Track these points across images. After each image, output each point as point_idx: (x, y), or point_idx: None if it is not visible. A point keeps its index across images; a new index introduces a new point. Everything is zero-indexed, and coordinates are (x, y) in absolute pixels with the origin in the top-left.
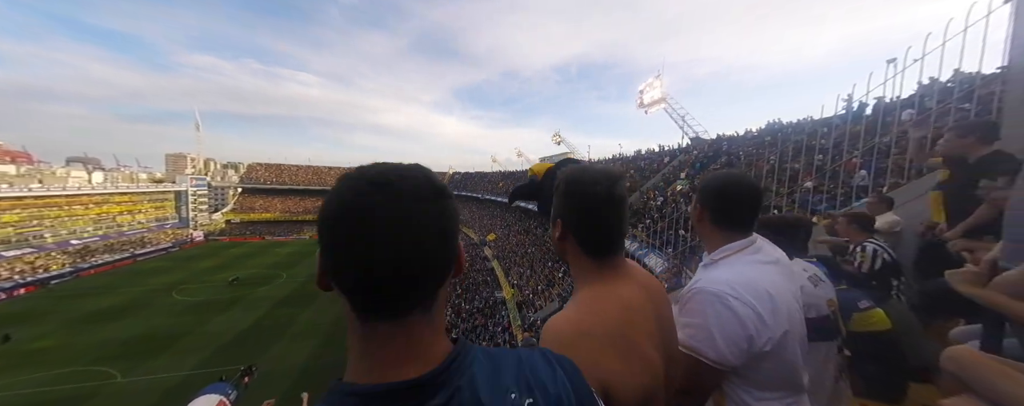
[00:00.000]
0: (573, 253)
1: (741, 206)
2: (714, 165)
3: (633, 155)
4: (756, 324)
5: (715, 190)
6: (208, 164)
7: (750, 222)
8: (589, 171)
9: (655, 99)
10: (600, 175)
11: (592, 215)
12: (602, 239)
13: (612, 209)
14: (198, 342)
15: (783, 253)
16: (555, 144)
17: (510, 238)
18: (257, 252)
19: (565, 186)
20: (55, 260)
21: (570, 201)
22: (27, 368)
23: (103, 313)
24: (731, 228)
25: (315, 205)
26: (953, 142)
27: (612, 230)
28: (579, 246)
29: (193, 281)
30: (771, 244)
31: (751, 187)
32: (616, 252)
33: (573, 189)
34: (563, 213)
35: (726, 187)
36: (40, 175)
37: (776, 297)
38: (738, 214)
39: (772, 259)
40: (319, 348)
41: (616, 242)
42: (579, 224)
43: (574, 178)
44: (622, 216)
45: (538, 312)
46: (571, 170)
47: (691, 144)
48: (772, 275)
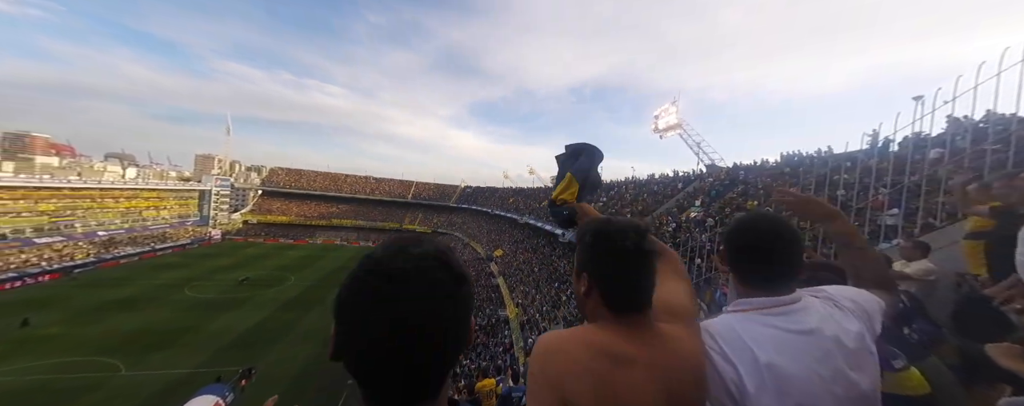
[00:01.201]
0: (596, 310)
1: (768, 261)
2: (730, 194)
3: (646, 179)
4: (737, 389)
5: (735, 237)
6: (233, 166)
7: (780, 279)
8: (616, 224)
9: (670, 125)
10: (629, 228)
11: (620, 270)
12: (628, 294)
13: (642, 264)
14: (202, 339)
15: (839, 322)
16: None
17: (517, 255)
18: (270, 253)
19: (591, 238)
20: (81, 249)
21: (597, 254)
22: (38, 354)
23: (117, 304)
24: (753, 284)
25: (329, 210)
26: (1010, 188)
27: (639, 286)
28: (603, 301)
29: (206, 278)
30: (820, 307)
31: (780, 237)
32: (640, 310)
33: (600, 242)
34: (589, 267)
35: (747, 235)
36: (79, 168)
37: (784, 376)
38: (762, 269)
39: (805, 328)
40: (318, 353)
41: (642, 298)
42: (605, 278)
43: (601, 230)
44: (651, 272)
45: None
46: (598, 222)
47: (707, 171)
48: (791, 349)
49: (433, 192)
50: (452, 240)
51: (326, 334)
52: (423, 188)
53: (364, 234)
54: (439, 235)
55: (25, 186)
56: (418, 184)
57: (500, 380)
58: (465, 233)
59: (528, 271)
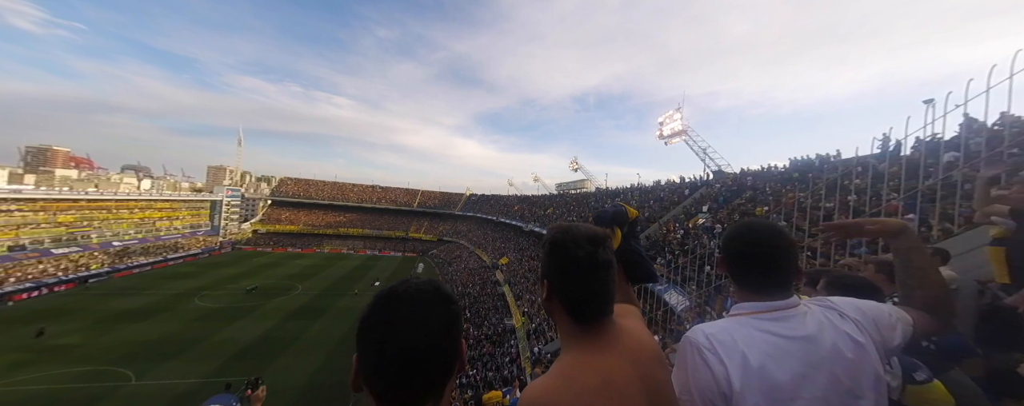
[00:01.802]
0: (558, 315)
1: (764, 266)
2: (738, 200)
3: (652, 185)
4: (725, 389)
5: (732, 243)
6: (244, 176)
7: (776, 284)
8: (573, 232)
9: (676, 131)
10: (583, 238)
11: (575, 279)
12: (585, 304)
13: (596, 274)
14: (211, 349)
15: (839, 331)
16: (572, 171)
17: (523, 263)
18: (278, 262)
19: (549, 246)
20: (96, 259)
21: (553, 262)
22: (52, 364)
23: (128, 314)
24: (750, 289)
25: (337, 219)
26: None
27: (596, 296)
28: (564, 309)
29: (215, 288)
30: (820, 315)
31: (775, 244)
32: (601, 317)
33: (556, 251)
34: (549, 274)
35: (743, 241)
36: (97, 180)
37: (773, 380)
38: (757, 274)
39: (799, 334)
40: (323, 365)
41: (601, 307)
42: (562, 287)
43: (557, 239)
44: (607, 281)
45: (548, 344)
46: (556, 230)
47: (714, 177)
48: (783, 354)
49: (438, 200)
50: (457, 248)
51: (330, 345)
52: (428, 196)
53: (370, 243)
54: (444, 243)
55: (45, 198)
56: (424, 192)
57: (507, 392)
58: (470, 241)
59: (534, 279)
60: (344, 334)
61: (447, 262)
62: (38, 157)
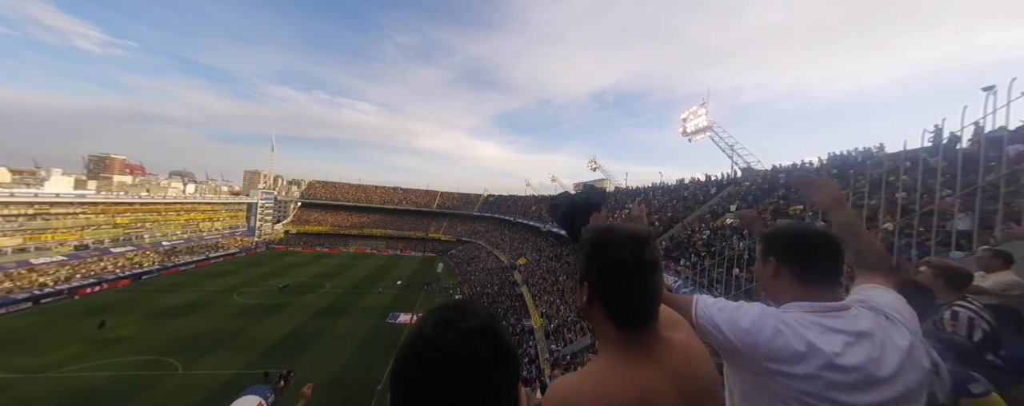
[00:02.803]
0: (599, 320)
1: (830, 260)
2: (770, 199)
3: (676, 184)
4: (794, 349)
5: (798, 242)
6: (277, 180)
7: (835, 285)
8: (615, 232)
9: (699, 127)
10: (626, 237)
11: (618, 281)
12: (629, 307)
13: (641, 275)
14: (247, 342)
15: (887, 331)
16: (590, 170)
17: (541, 264)
18: (307, 261)
19: (589, 248)
20: (148, 257)
21: (594, 264)
22: (111, 353)
23: (176, 308)
24: (820, 286)
25: (361, 220)
26: None
27: (641, 298)
28: (606, 314)
29: (251, 285)
30: (872, 314)
31: (836, 241)
32: (647, 323)
33: (598, 253)
34: (589, 276)
35: (810, 239)
36: (148, 185)
37: (843, 364)
38: (826, 269)
39: (861, 330)
40: (348, 361)
41: (646, 311)
42: (605, 289)
43: (598, 240)
44: (653, 283)
45: (568, 346)
46: (596, 231)
47: (742, 175)
48: (851, 346)
49: (457, 201)
50: (475, 248)
51: (355, 342)
52: (447, 197)
53: (392, 243)
54: (463, 243)
55: (105, 202)
56: (443, 194)
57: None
58: (488, 241)
59: (552, 280)
60: (367, 332)
61: (466, 262)
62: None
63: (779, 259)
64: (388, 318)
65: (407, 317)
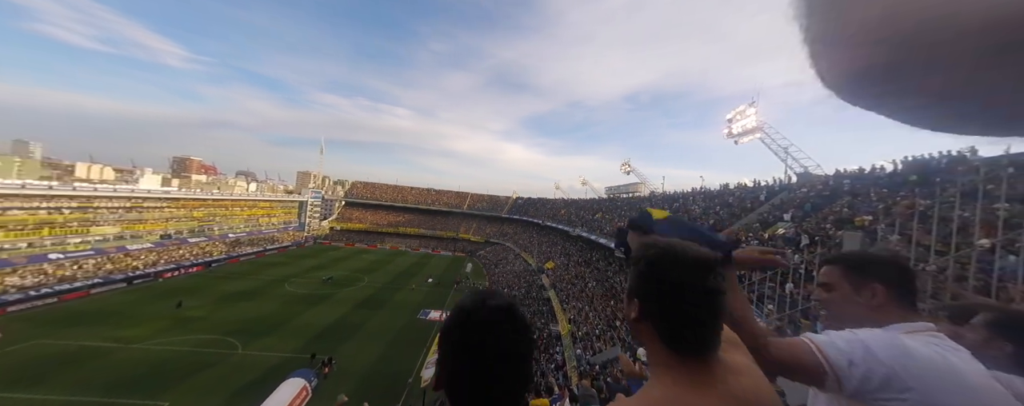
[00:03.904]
0: (650, 340)
1: (910, 293)
2: (832, 207)
3: (719, 189)
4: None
5: (894, 263)
6: (324, 180)
7: (914, 308)
8: (678, 254)
9: (748, 129)
10: (692, 262)
11: (677, 308)
12: (688, 336)
13: (705, 304)
14: (296, 329)
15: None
16: (624, 174)
17: (569, 269)
18: (349, 256)
19: (646, 267)
20: (217, 247)
21: (650, 286)
22: (186, 330)
23: (238, 294)
24: (908, 310)
25: (397, 219)
26: None
27: (702, 326)
28: (658, 336)
29: (301, 276)
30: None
31: (909, 269)
32: (705, 351)
33: (655, 273)
34: (642, 295)
35: (902, 263)
36: (219, 184)
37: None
38: (914, 296)
39: (957, 347)
40: (383, 354)
41: (707, 339)
42: (661, 315)
43: (658, 261)
44: (717, 312)
45: (597, 355)
46: (656, 250)
47: (798, 180)
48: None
49: (486, 203)
50: (504, 250)
51: (390, 336)
52: (477, 199)
53: (425, 242)
54: (491, 245)
55: (185, 198)
56: (472, 195)
57: (554, 400)
58: (516, 243)
59: (581, 286)
60: (400, 327)
61: (494, 263)
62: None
63: (888, 284)
64: (420, 314)
65: (437, 314)
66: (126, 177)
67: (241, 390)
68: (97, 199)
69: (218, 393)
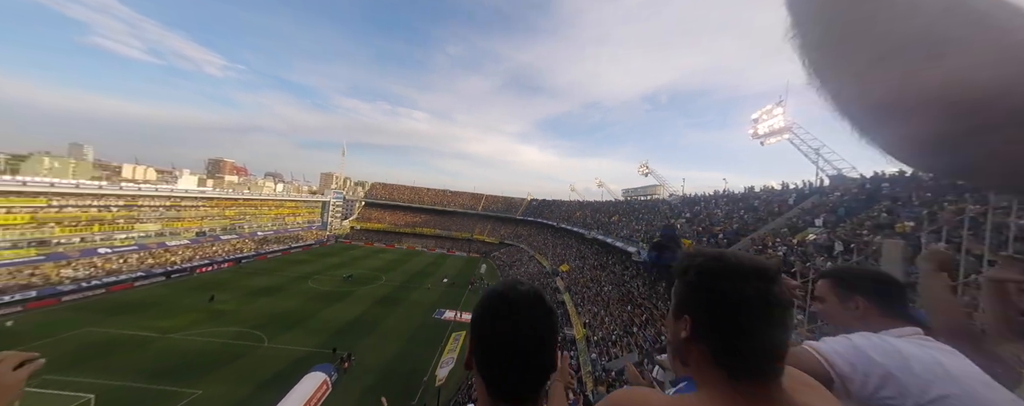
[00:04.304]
0: (700, 363)
1: (901, 292)
2: (869, 212)
3: (744, 192)
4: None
5: (879, 281)
6: (346, 181)
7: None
8: (732, 261)
9: (775, 129)
10: (750, 270)
11: (736, 324)
12: (749, 358)
13: (769, 320)
14: (318, 324)
15: None
16: (642, 175)
17: (584, 272)
18: (368, 255)
19: (696, 278)
20: (246, 244)
21: (703, 297)
22: (218, 323)
23: (264, 290)
24: (898, 317)
25: (413, 219)
26: None
27: (763, 348)
28: (713, 360)
29: (322, 273)
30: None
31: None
32: (768, 377)
33: (710, 284)
34: (694, 312)
35: (884, 273)
36: (249, 184)
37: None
38: (904, 302)
39: (950, 349)
40: (399, 351)
41: (769, 364)
42: (715, 332)
43: (710, 269)
44: (781, 331)
45: (613, 361)
46: (707, 257)
47: (831, 183)
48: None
49: (501, 205)
50: (518, 251)
51: (407, 333)
52: (492, 201)
53: (440, 242)
54: (505, 246)
55: (219, 197)
56: (487, 197)
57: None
58: (530, 245)
59: (597, 290)
60: (416, 325)
61: (508, 265)
62: (214, 166)
63: (868, 296)
64: (435, 314)
65: (451, 314)
66: (166, 178)
67: (267, 381)
68: (141, 198)
69: (246, 383)
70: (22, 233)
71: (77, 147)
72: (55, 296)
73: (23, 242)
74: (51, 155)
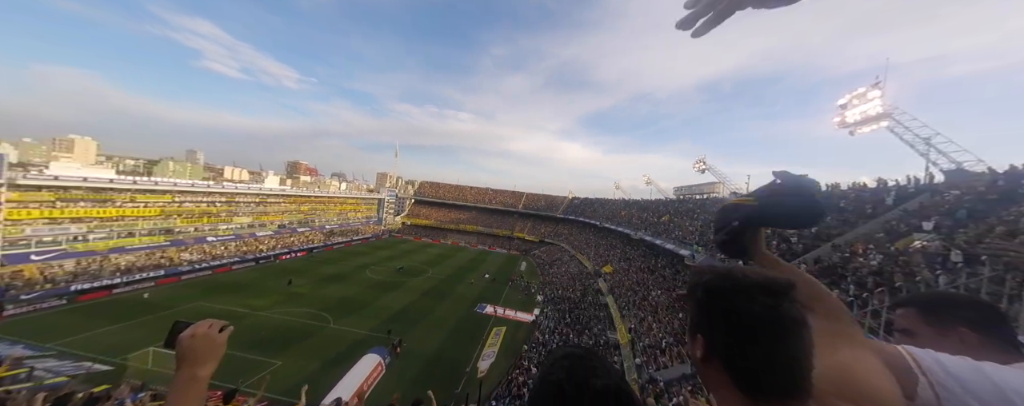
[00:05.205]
0: (719, 385)
1: (1005, 320)
2: (1001, 215)
3: (825, 189)
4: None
5: (981, 307)
6: (398, 180)
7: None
8: (738, 278)
9: (869, 116)
10: (756, 287)
11: (748, 343)
12: (763, 377)
13: (781, 337)
14: (374, 310)
15: None
16: (698, 172)
17: (630, 274)
18: (417, 250)
19: (704, 295)
20: (317, 236)
21: (713, 318)
22: (294, 304)
23: (331, 277)
24: (1014, 352)
25: (458, 216)
26: None
27: (781, 367)
28: (730, 379)
29: (378, 265)
30: None
31: None
32: (790, 396)
33: (717, 303)
34: (706, 332)
35: (988, 304)
36: (319, 183)
37: None
38: (1011, 330)
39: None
40: (444, 342)
41: (790, 383)
42: (730, 351)
43: (718, 287)
44: (798, 346)
45: (661, 371)
46: (714, 275)
47: (947, 180)
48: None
49: (542, 203)
50: (558, 250)
51: (452, 324)
52: (532, 199)
53: (482, 239)
54: (545, 245)
55: (296, 195)
56: (528, 195)
57: None
58: (571, 244)
59: (643, 294)
60: (460, 317)
61: (548, 264)
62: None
63: (970, 327)
64: (477, 308)
65: (492, 309)
66: (256, 178)
67: (332, 359)
68: (238, 195)
69: (315, 359)
70: (155, 223)
71: (192, 153)
72: (177, 275)
73: (156, 230)
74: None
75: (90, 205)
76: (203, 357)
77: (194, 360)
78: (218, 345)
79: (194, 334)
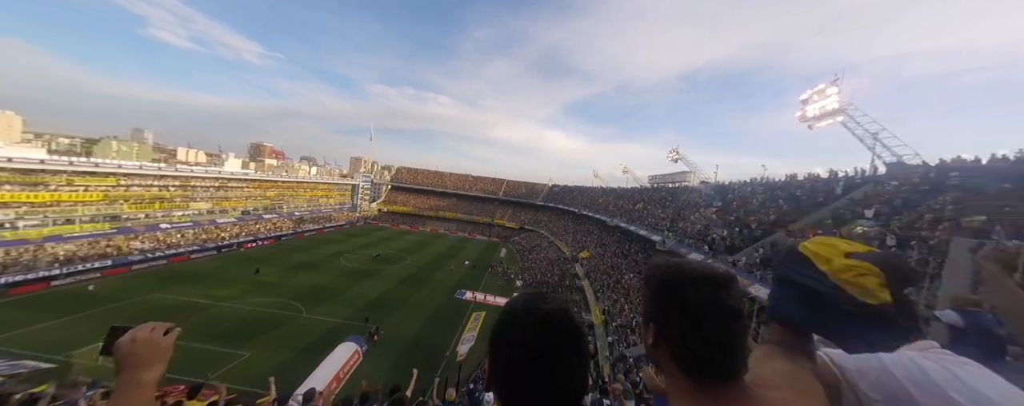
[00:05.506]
0: (666, 366)
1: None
2: (931, 204)
3: (784, 180)
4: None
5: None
6: (373, 165)
7: None
8: (687, 271)
9: (827, 111)
10: (702, 279)
11: (693, 331)
12: (706, 361)
13: (721, 325)
14: (348, 299)
15: None
16: (671, 161)
17: (605, 259)
18: (394, 237)
19: (656, 288)
20: (286, 223)
21: (663, 308)
22: (262, 293)
23: (302, 265)
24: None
25: (437, 203)
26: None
27: (720, 351)
28: (674, 362)
29: (353, 252)
30: None
31: None
32: (726, 378)
33: (666, 294)
34: (656, 320)
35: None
36: (287, 167)
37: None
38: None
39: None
40: (422, 328)
41: (727, 365)
42: (675, 337)
43: (667, 280)
44: (735, 334)
45: (631, 348)
46: (666, 268)
47: (888, 171)
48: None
49: (522, 190)
50: (537, 237)
51: (430, 311)
52: (513, 186)
53: (462, 226)
54: (525, 231)
55: (260, 179)
56: (509, 182)
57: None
58: (550, 231)
59: (616, 277)
60: (439, 304)
61: (528, 250)
62: (255, 150)
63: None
64: (456, 294)
65: (472, 295)
66: (214, 160)
67: (305, 348)
68: (193, 179)
69: (286, 349)
70: (98, 209)
71: (139, 132)
72: (126, 265)
73: (99, 217)
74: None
75: (17, 188)
76: (148, 361)
77: (136, 365)
78: (163, 349)
79: (135, 338)
